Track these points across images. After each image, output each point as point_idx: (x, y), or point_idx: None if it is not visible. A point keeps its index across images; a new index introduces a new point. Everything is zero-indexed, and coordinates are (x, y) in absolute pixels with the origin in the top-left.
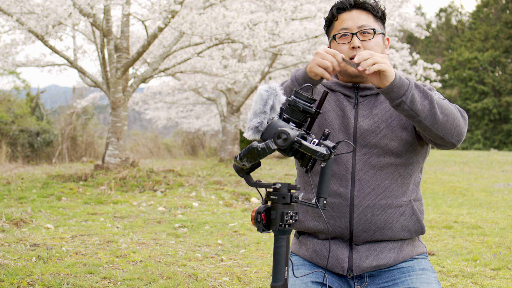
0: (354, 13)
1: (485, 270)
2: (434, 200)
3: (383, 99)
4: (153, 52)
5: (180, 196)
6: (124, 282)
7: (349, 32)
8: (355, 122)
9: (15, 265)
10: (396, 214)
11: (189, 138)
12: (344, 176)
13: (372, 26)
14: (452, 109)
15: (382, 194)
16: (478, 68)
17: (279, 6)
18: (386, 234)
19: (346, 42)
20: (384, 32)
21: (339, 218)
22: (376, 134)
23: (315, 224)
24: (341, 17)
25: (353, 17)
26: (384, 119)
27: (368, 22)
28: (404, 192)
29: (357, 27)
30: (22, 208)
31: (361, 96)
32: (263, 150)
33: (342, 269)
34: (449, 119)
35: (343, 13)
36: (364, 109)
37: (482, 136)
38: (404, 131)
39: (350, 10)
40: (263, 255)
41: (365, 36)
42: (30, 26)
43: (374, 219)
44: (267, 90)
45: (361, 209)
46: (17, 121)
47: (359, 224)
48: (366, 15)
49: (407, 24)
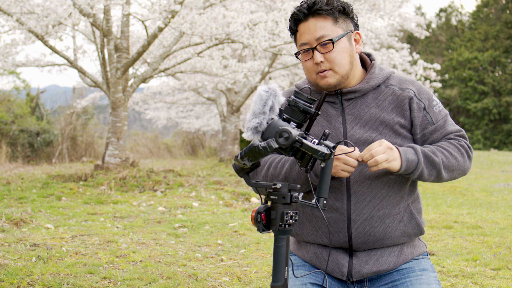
0: (311, 23)
1: (485, 270)
2: (434, 200)
3: (370, 100)
4: (153, 52)
5: (180, 196)
6: (124, 282)
7: (309, 48)
8: (344, 131)
9: (15, 265)
10: (394, 222)
11: (189, 138)
12: (338, 190)
13: (331, 33)
14: (458, 160)
15: (379, 205)
16: (478, 68)
17: (279, 6)
18: (386, 243)
19: (309, 58)
20: (351, 29)
21: (337, 233)
22: (368, 144)
23: (313, 238)
24: (300, 29)
25: (309, 29)
26: (376, 127)
27: (325, 30)
28: (402, 197)
29: (316, 39)
30: (22, 208)
31: (346, 99)
32: (264, 149)
33: (342, 274)
34: (454, 173)
35: (300, 24)
36: (351, 113)
37: (482, 136)
38: (398, 137)
39: (306, 20)
40: (263, 255)
41: (325, 48)
42: (30, 26)
43: (372, 231)
44: (266, 91)
45: (358, 223)
46: (17, 121)
47: (357, 238)
48: (323, 21)
49: (407, 24)
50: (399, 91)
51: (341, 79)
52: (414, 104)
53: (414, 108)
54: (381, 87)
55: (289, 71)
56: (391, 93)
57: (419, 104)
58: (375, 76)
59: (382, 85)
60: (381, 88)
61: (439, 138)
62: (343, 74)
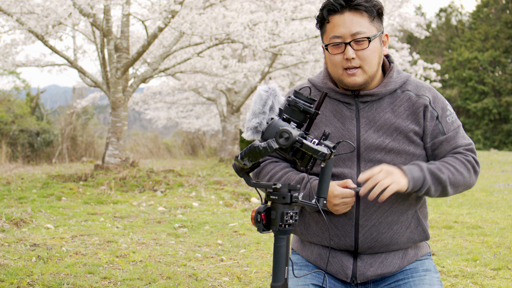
0: (347, 17)
1: (485, 270)
2: (434, 200)
3: (386, 105)
4: (153, 52)
5: (180, 196)
6: (124, 282)
7: (342, 42)
8: (357, 135)
9: (15, 265)
10: (402, 228)
11: (189, 138)
12: None
13: (367, 31)
14: (464, 176)
15: (388, 211)
16: (478, 68)
17: (279, 6)
18: (392, 248)
19: (339, 52)
20: (382, 30)
21: (344, 237)
22: (381, 150)
23: (318, 240)
24: (332, 21)
25: (345, 22)
26: (390, 133)
27: (362, 27)
28: (410, 204)
29: (351, 35)
30: (22, 208)
31: (362, 102)
32: (264, 149)
33: (346, 276)
34: (460, 188)
35: (335, 15)
36: (366, 117)
37: (482, 136)
38: (412, 145)
39: (342, 13)
40: (263, 255)
41: (359, 45)
42: (30, 26)
43: (380, 237)
44: (266, 91)
45: (366, 228)
46: (17, 121)
47: (364, 243)
48: (360, 17)
49: (407, 24)
50: (415, 98)
51: (368, 79)
52: (428, 113)
53: (427, 116)
54: (397, 92)
55: (289, 71)
56: (407, 99)
57: (432, 113)
58: (393, 80)
59: (398, 90)
60: (398, 93)
61: (448, 149)
62: (371, 74)
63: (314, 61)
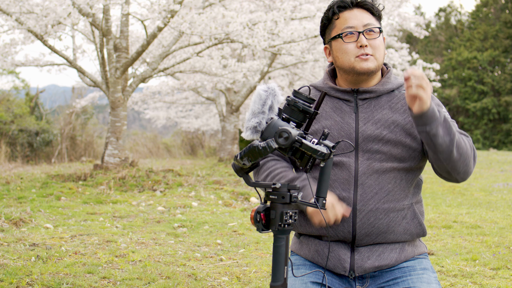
0: (357, 12)
1: (484, 270)
2: (434, 200)
3: (384, 102)
4: (152, 51)
5: (180, 196)
6: (123, 281)
7: (356, 31)
8: (356, 127)
9: (14, 264)
10: (398, 217)
11: (188, 137)
12: (347, 181)
13: (376, 25)
14: (468, 149)
15: (385, 198)
16: (477, 67)
17: (278, 6)
18: (389, 238)
19: (352, 41)
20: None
21: (342, 223)
22: (378, 141)
23: (317, 229)
24: (343, 16)
25: (356, 16)
26: (387, 126)
27: (371, 21)
28: (406, 195)
29: (363, 25)
30: (22, 207)
31: (361, 99)
32: (264, 149)
33: (344, 269)
34: (462, 158)
35: (345, 11)
36: (364, 112)
37: (481, 135)
38: (408, 137)
39: (351, 9)
40: (262, 255)
41: (371, 34)
42: (29, 26)
43: (377, 223)
44: (265, 90)
45: (363, 213)
46: (16, 120)
47: (361, 228)
48: (368, 14)
49: (406, 24)
50: None
51: (377, 67)
52: None
53: None
54: (394, 92)
55: (288, 70)
56: (404, 97)
57: None
58: (391, 81)
59: (396, 91)
60: (395, 93)
61: None
62: (379, 64)
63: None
